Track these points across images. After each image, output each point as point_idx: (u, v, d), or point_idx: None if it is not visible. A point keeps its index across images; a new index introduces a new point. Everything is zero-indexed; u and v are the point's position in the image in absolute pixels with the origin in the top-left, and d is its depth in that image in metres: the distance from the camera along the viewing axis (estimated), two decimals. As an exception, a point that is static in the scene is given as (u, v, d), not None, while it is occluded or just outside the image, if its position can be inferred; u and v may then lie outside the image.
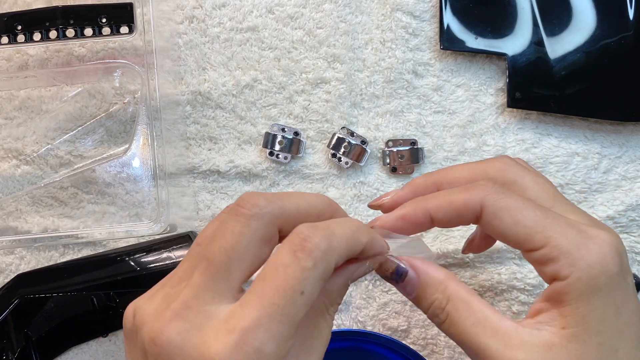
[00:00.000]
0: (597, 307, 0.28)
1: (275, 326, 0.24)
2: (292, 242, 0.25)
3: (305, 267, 0.25)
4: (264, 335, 0.24)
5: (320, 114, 0.49)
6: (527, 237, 0.29)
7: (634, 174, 0.48)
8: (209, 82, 0.50)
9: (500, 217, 0.30)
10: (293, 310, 0.24)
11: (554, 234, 0.29)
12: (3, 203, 0.51)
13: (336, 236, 0.26)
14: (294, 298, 0.24)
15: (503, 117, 0.49)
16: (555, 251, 0.28)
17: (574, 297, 0.28)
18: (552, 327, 0.29)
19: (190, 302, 0.25)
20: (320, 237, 0.26)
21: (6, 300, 0.47)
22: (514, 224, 0.29)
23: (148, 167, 0.49)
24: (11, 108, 0.51)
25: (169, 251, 0.47)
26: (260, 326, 0.24)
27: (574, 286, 0.28)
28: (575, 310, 0.28)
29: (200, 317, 0.25)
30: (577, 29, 0.47)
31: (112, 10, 0.46)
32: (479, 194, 0.30)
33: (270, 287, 0.25)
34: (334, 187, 0.49)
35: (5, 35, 0.46)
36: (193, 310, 0.25)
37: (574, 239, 0.29)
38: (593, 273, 0.28)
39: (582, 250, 0.28)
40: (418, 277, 0.31)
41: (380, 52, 0.49)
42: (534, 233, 0.29)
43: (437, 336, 0.48)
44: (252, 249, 0.26)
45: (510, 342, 0.29)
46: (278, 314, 0.24)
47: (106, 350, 0.49)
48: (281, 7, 0.50)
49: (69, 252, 0.51)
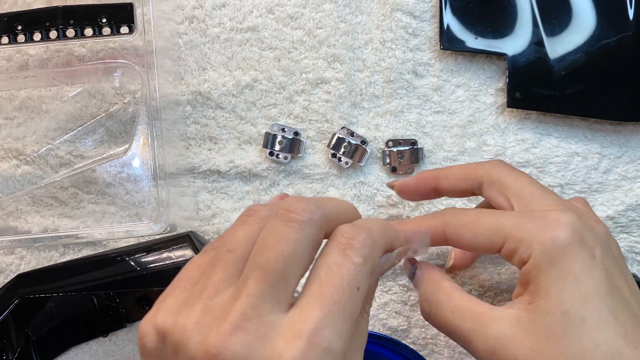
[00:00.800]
0: (555, 278, 0.30)
1: (339, 324, 0.24)
2: (339, 242, 0.27)
3: (357, 263, 0.26)
4: (331, 334, 0.24)
5: (320, 114, 0.49)
6: (489, 243, 0.33)
7: (634, 174, 0.48)
8: (209, 82, 0.50)
9: (461, 235, 0.34)
10: (352, 306, 0.25)
11: (508, 230, 0.32)
12: (3, 203, 0.51)
13: (375, 233, 0.28)
14: (351, 294, 0.25)
15: (503, 117, 0.49)
16: (514, 243, 0.32)
17: (534, 275, 0.31)
18: (521, 304, 0.31)
19: (249, 313, 0.24)
20: (365, 235, 0.27)
21: (6, 300, 0.47)
22: (473, 237, 0.33)
23: (148, 167, 0.49)
24: (11, 108, 0.51)
25: (169, 251, 0.47)
26: (325, 325, 0.24)
27: (533, 265, 0.31)
28: (537, 285, 0.30)
29: (263, 327, 0.24)
30: (577, 29, 0.47)
31: (112, 10, 0.46)
32: (441, 219, 0.35)
33: (328, 286, 0.25)
34: (334, 187, 0.49)
35: (6, 35, 0.46)
36: (254, 322, 0.24)
37: (527, 226, 0.32)
38: (546, 247, 0.30)
39: (534, 233, 0.31)
40: (422, 275, 0.36)
41: (380, 52, 0.49)
42: (492, 237, 0.33)
43: (437, 336, 0.48)
44: (307, 254, 0.27)
45: (484, 321, 0.31)
46: (340, 312, 0.25)
47: (106, 350, 0.49)
48: (281, 7, 0.50)
49: (69, 252, 0.51)
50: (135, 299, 0.47)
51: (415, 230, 0.35)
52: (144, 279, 0.46)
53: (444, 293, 0.34)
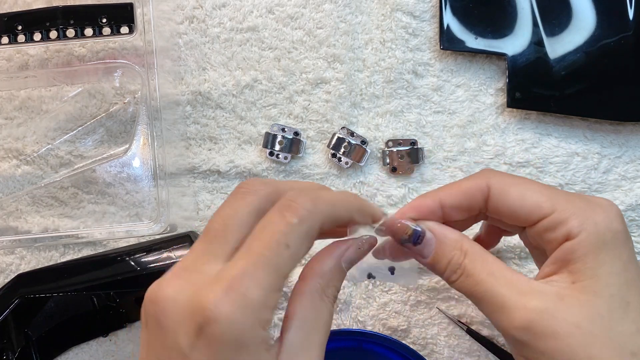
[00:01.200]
0: (605, 262, 0.30)
1: (260, 274, 0.26)
2: (281, 204, 0.28)
3: (290, 222, 0.27)
4: (250, 282, 0.26)
5: (320, 114, 0.49)
6: (535, 207, 0.31)
7: (633, 174, 0.48)
8: (209, 82, 0.50)
9: (507, 192, 0.32)
10: (278, 260, 0.26)
11: (561, 201, 0.31)
12: (3, 203, 0.51)
13: (322, 199, 0.29)
14: (279, 250, 0.26)
15: (503, 117, 0.49)
16: (564, 214, 0.30)
17: (582, 254, 0.30)
18: (562, 283, 0.30)
19: (189, 265, 0.27)
20: (306, 199, 0.28)
21: (6, 300, 0.47)
22: (520, 197, 0.31)
23: (148, 167, 0.49)
24: (11, 108, 0.51)
25: (169, 251, 0.47)
26: (246, 274, 0.26)
27: (582, 243, 0.30)
28: (585, 265, 0.30)
29: (196, 275, 0.27)
30: (577, 29, 0.47)
31: (112, 10, 0.46)
32: (486, 176, 0.32)
33: (257, 240, 0.27)
34: (334, 187, 0.49)
35: (6, 35, 0.46)
36: (189, 271, 0.27)
37: (580, 204, 0.31)
38: (600, 229, 0.30)
39: (588, 211, 0.30)
40: (435, 238, 0.32)
41: (380, 52, 0.49)
42: (542, 202, 0.31)
43: (437, 336, 0.48)
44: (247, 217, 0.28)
45: (523, 290, 0.30)
46: (264, 264, 0.26)
47: (106, 350, 0.49)
48: (281, 7, 0.50)
49: (69, 252, 0.51)
50: (135, 299, 0.47)
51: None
52: (144, 279, 0.46)
53: (477, 254, 0.32)
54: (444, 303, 0.48)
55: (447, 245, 0.32)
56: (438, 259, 0.33)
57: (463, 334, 0.48)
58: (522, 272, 0.47)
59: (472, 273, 0.31)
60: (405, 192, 0.49)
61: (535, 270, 0.47)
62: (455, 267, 0.32)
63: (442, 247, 0.32)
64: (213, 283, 0.26)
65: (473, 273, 0.31)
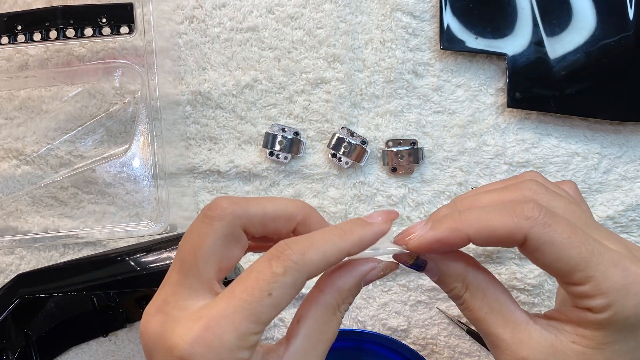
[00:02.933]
0: (617, 340, 0.29)
1: (238, 319, 0.26)
2: (270, 253, 0.28)
3: (276, 272, 0.27)
4: (226, 325, 0.26)
5: (320, 114, 0.49)
6: (569, 273, 0.29)
7: (633, 174, 0.48)
8: (209, 82, 0.50)
9: (543, 251, 0.29)
10: (259, 308, 0.27)
11: (597, 274, 0.29)
12: (3, 203, 0.51)
13: (312, 249, 0.28)
14: (261, 297, 0.27)
15: (503, 117, 0.49)
16: (595, 291, 0.29)
17: (596, 327, 0.29)
18: (564, 336, 0.30)
19: (169, 298, 0.28)
20: (295, 249, 0.28)
21: (6, 300, 0.46)
22: (556, 260, 0.29)
23: (148, 167, 0.49)
24: (11, 108, 0.51)
25: (169, 251, 0.47)
26: (224, 317, 0.26)
27: (602, 322, 0.29)
28: (594, 338, 0.29)
29: (177, 310, 0.28)
30: (577, 29, 0.47)
31: (112, 10, 0.46)
32: (524, 226, 0.29)
33: (241, 285, 0.27)
34: (334, 187, 0.49)
35: (6, 35, 0.46)
36: (171, 305, 0.28)
37: (616, 281, 0.29)
38: (628, 315, 0.28)
39: (622, 292, 0.28)
40: (437, 268, 0.32)
41: (380, 52, 0.49)
42: (576, 271, 0.29)
43: (437, 336, 0.48)
44: (217, 246, 0.29)
45: (518, 336, 0.30)
46: (243, 309, 0.26)
47: (106, 350, 0.49)
48: (281, 7, 0.50)
49: (69, 252, 0.51)
50: (135, 299, 0.47)
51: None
52: (144, 279, 0.46)
53: (478, 290, 0.31)
54: (444, 303, 0.48)
55: (450, 276, 0.32)
56: (441, 284, 0.32)
57: (463, 334, 0.48)
58: (522, 272, 0.47)
59: (472, 309, 0.31)
60: (405, 192, 0.49)
61: (535, 269, 0.47)
62: (456, 298, 0.32)
63: (444, 278, 0.32)
64: (192, 321, 0.27)
65: (472, 309, 0.31)
